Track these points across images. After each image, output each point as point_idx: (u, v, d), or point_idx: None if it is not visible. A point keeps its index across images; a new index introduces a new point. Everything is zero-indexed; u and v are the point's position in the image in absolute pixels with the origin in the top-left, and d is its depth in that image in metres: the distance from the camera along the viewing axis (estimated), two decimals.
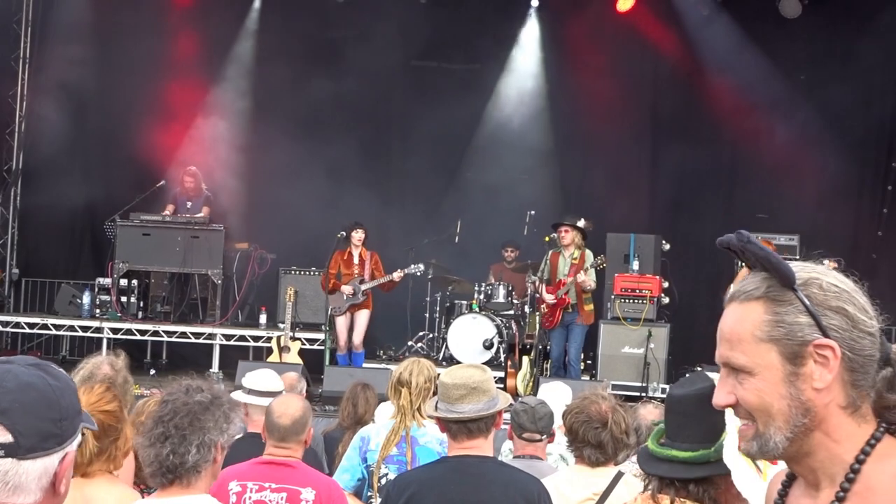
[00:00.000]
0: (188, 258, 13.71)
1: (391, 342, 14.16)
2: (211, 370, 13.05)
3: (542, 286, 12.27)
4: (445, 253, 14.06)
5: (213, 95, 14.04)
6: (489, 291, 13.26)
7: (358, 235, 12.79)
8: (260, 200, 14.47)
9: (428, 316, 13.97)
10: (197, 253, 13.71)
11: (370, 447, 5.09)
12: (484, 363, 12.88)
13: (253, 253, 14.12)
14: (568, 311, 12.26)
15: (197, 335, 13.52)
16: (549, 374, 12.16)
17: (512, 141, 14.96)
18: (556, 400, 6.29)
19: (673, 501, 2.87)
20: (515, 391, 11.79)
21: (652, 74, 15.00)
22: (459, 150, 15.12)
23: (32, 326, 13.87)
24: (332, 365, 12.76)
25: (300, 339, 12.93)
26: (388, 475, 4.93)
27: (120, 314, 13.84)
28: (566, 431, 4.46)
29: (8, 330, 14.12)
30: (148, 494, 5.40)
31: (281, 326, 13.05)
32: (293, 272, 13.77)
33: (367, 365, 12.75)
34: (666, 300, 12.90)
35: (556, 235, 12.26)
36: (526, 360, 12.35)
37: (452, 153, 15.03)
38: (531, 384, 11.83)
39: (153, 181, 14.17)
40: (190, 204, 14.17)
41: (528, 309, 12.88)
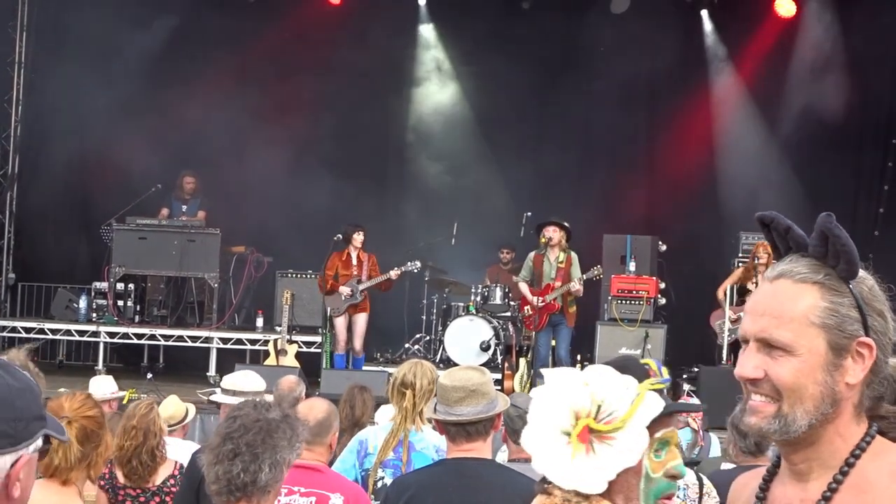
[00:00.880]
0: (184, 262, 13.70)
1: (388, 345, 14.16)
2: (208, 374, 13.05)
3: (526, 288, 12.26)
4: (442, 255, 14.07)
5: (209, 98, 14.02)
6: (486, 293, 13.26)
7: (359, 237, 12.79)
8: (256, 204, 14.46)
9: (424, 318, 13.97)
10: (193, 257, 13.70)
11: (368, 450, 5.07)
12: (481, 365, 12.89)
13: (249, 256, 14.12)
14: (555, 314, 12.24)
15: (194, 339, 13.51)
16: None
17: (508, 142, 14.97)
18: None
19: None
20: (512, 393, 11.78)
21: (648, 73, 15.00)
22: (457, 151, 15.11)
23: (29, 331, 13.85)
24: (328, 365, 12.77)
25: (297, 342, 12.92)
26: (384, 479, 4.91)
27: (116, 318, 13.84)
28: None
29: (4, 334, 14.09)
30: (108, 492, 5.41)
31: (278, 330, 13.04)
32: (290, 275, 13.76)
33: (363, 367, 12.75)
34: (662, 301, 12.90)
35: (549, 237, 12.19)
36: (523, 361, 12.35)
37: (449, 155, 15.03)
38: (528, 386, 11.83)
39: (148, 185, 14.16)
40: (185, 207, 14.20)
41: (520, 313, 12.86)
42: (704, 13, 14.69)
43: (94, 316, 13.92)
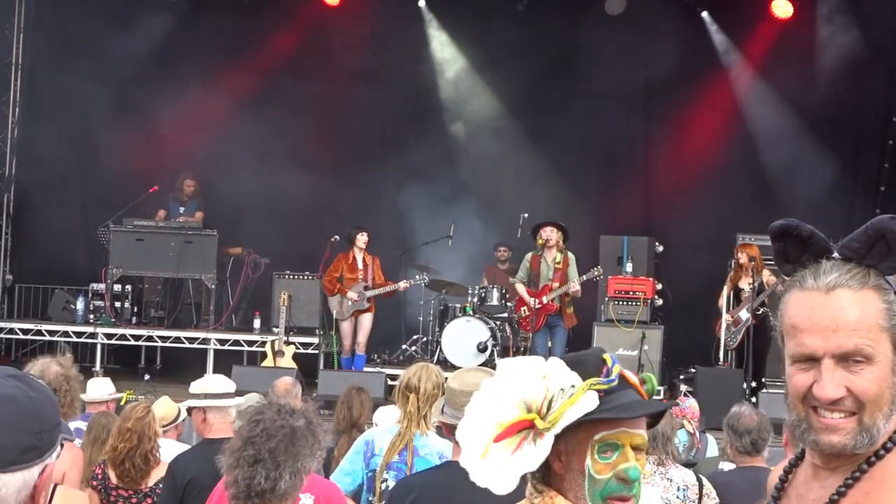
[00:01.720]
0: (182, 263, 13.71)
1: (385, 346, 14.15)
2: (206, 376, 13.03)
3: (524, 289, 12.26)
4: (439, 256, 14.06)
5: (207, 101, 14.03)
6: (483, 294, 13.26)
7: (362, 238, 12.84)
8: (253, 205, 14.45)
9: (422, 319, 13.96)
10: (190, 258, 13.71)
11: (375, 451, 5.06)
12: (478, 366, 12.91)
13: (246, 258, 14.12)
14: (552, 315, 12.24)
15: (191, 340, 13.52)
16: None
17: (505, 143, 14.97)
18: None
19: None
20: None
21: (646, 75, 15.01)
22: (454, 153, 15.11)
23: (26, 332, 13.86)
24: (336, 367, 12.80)
25: (294, 343, 12.93)
26: (387, 481, 4.91)
27: (114, 319, 13.84)
28: None
29: (2, 336, 14.10)
30: (100, 493, 5.41)
31: (275, 331, 13.05)
32: (287, 276, 13.75)
33: (354, 368, 12.77)
34: (660, 302, 12.91)
35: (547, 237, 12.19)
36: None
37: (447, 157, 15.02)
38: None
39: (146, 187, 14.17)
40: (182, 209, 14.21)
41: (516, 315, 12.86)
42: (705, 14, 14.68)
43: (91, 317, 13.93)
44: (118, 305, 14.01)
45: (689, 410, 6.68)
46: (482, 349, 12.84)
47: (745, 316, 11.57)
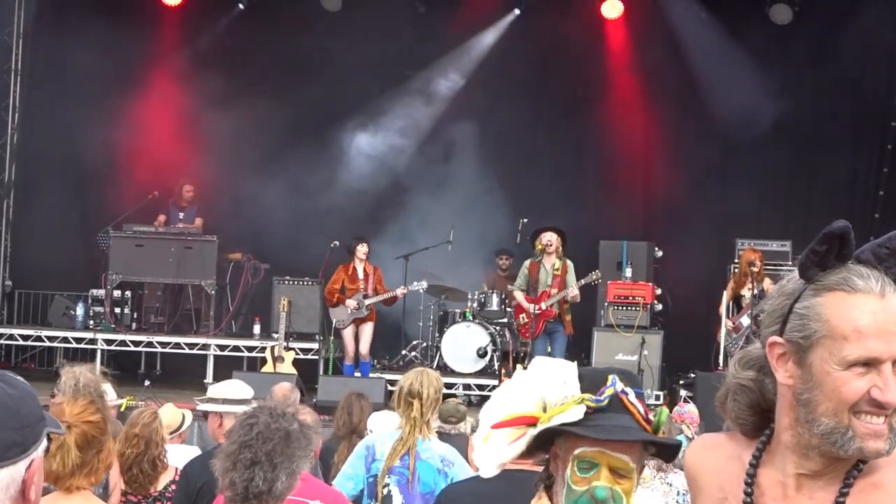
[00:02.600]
0: (181, 269, 13.71)
1: (385, 351, 14.15)
2: (205, 381, 13.04)
3: (522, 296, 12.25)
4: (438, 261, 14.06)
5: (206, 106, 14.03)
6: (483, 299, 13.27)
7: (362, 249, 12.86)
8: (253, 211, 14.45)
9: (422, 324, 13.96)
10: (190, 264, 13.71)
11: (376, 456, 5.06)
12: (478, 371, 12.92)
13: (246, 263, 14.12)
14: (551, 321, 12.24)
15: (191, 346, 13.51)
16: None
17: (503, 148, 14.97)
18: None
19: None
20: None
21: (645, 80, 15.00)
22: (453, 157, 15.11)
23: (26, 338, 13.86)
24: (338, 374, 12.81)
25: (294, 349, 12.93)
26: (388, 486, 4.91)
27: (114, 325, 13.85)
28: None
29: (1, 342, 14.10)
30: None
31: (275, 336, 13.05)
32: (286, 282, 13.75)
33: (359, 375, 12.77)
34: (659, 307, 12.92)
35: (548, 241, 12.18)
36: (520, 368, 12.30)
37: (445, 160, 15.02)
38: None
39: (145, 192, 14.17)
40: (182, 215, 14.21)
41: (514, 321, 12.85)
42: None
43: (91, 323, 13.93)
44: (118, 311, 14.02)
45: (688, 415, 6.69)
46: (482, 354, 12.85)
47: (746, 322, 11.57)
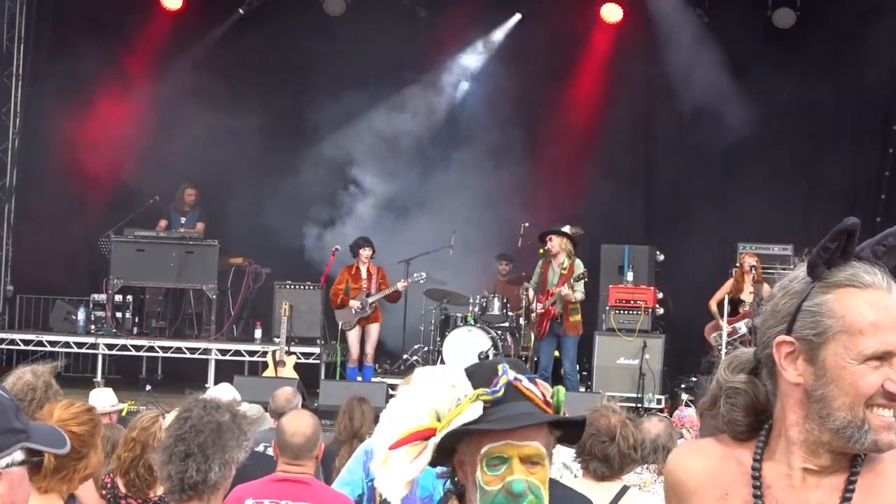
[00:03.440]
0: (183, 273, 13.72)
1: (386, 355, 14.15)
2: (206, 386, 13.03)
3: (533, 295, 12.28)
4: (440, 265, 14.06)
5: (207, 110, 14.03)
6: (484, 304, 13.27)
7: (366, 253, 12.91)
8: (254, 215, 14.46)
9: (423, 329, 13.97)
10: (191, 268, 13.71)
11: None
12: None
13: (247, 268, 14.12)
14: (556, 321, 12.24)
15: (192, 350, 13.51)
16: None
17: (505, 152, 14.97)
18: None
19: None
20: None
21: (646, 85, 15.02)
22: (454, 161, 15.12)
23: (27, 343, 13.86)
24: (342, 378, 12.80)
25: (295, 353, 12.93)
26: None
27: (115, 330, 13.85)
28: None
29: (3, 347, 14.10)
30: None
31: (276, 341, 13.05)
32: (288, 287, 13.74)
33: (361, 379, 12.76)
34: (660, 311, 12.91)
35: (549, 247, 12.20)
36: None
37: (447, 164, 15.03)
38: None
39: (147, 197, 14.18)
40: (183, 219, 14.22)
41: (522, 321, 12.87)
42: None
43: (92, 328, 13.93)
44: (119, 316, 14.01)
45: (688, 419, 6.68)
46: (483, 358, 12.83)
47: (742, 330, 11.56)
